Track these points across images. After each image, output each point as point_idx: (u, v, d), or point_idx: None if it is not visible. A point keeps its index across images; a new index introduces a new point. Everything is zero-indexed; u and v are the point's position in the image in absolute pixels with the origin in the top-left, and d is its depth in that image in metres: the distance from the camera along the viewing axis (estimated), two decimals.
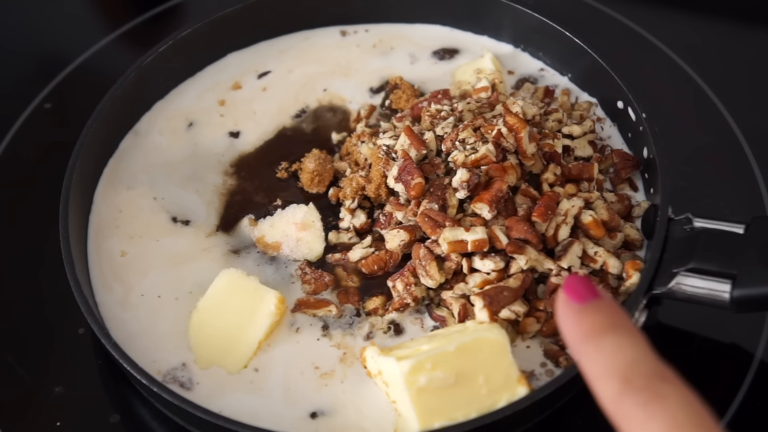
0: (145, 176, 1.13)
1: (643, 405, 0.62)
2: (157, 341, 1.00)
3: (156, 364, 0.98)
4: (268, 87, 1.22)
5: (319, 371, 0.97)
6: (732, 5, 1.38)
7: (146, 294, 1.03)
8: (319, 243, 1.07)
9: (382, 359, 0.92)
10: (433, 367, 0.89)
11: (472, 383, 0.90)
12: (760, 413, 1.00)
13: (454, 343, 0.90)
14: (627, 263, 0.98)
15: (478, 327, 0.93)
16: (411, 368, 0.88)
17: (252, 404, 0.95)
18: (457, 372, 0.89)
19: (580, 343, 0.67)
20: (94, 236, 1.08)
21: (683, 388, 0.63)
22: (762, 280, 0.90)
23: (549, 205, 0.99)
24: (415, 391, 0.89)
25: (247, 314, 0.98)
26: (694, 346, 1.05)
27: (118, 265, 1.06)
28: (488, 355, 0.90)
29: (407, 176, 1.01)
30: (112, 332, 0.97)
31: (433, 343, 0.91)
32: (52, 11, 1.43)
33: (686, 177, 1.15)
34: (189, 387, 0.97)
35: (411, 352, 0.91)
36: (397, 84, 1.18)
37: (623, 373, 0.64)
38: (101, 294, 1.03)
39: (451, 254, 0.98)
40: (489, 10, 1.21)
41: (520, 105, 1.05)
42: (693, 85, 1.26)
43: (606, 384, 0.64)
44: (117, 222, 1.09)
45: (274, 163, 1.14)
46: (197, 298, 1.00)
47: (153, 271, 1.05)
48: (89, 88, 1.25)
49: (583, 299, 0.68)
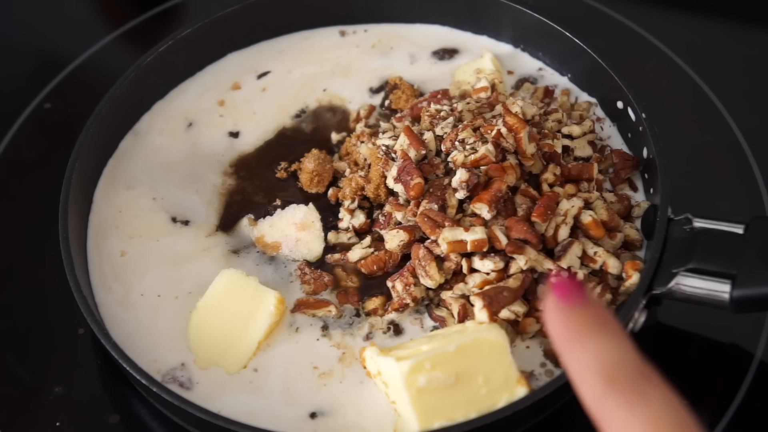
0: (144, 176, 1.13)
1: (625, 405, 0.63)
2: (157, 341, 1.00)
3: (156, 364, 0.98)
4: (268, 87, 1.22)
5: (318, 371, 0.97)
6: (732, 5, 1.38)
7: (146, 294, 1.03)
8: (319, 243, 1.07)
9: (382, 359, 0.92)
10: (433, 367, 0.89)
11: (471, 383, 0.90)
12: (760, 413, 1.00)
13: (453, 343, 0.90)
14: (627, 263, 0.98)
15: (478, 327, 0.93)
16: (410, 368, 0.88)
17: (251, 404, 0.95)
18: (457, 372, 0.89)
19: (566, 344, 0.68)
20: (93, 236, 1.08)
21: (666, 390, 0.64)
22: (762, 281, 0.90)
23: (548, 205, 0.99)
24: (415, 391, 0.89)
25: (246, 314, 0.98)
26: (694, 346, 1.04)
27: (117, 265, 1.06)
28: (488, 356, 0.90)
29: (406, 176, 1.01)
30: (111, 332, 0.97)
31: (433, 343, 0.91)
32: (53, 11, 1.43)
33: (686, 177, 1.15)
34: (189, 387, 0.97)
35: (410, 352, 0.91)
36: (397, 84, 1.18)
37: (607, 372, 0.65)
38: (101, 294, 1.03)
39: (450, 254, 0.98)
40: (489, 10, 1.20)
41: (520, 105, 1.05)
42: (693, 85, 1.26)
43: (590, 383, 0.65)
44: (117, 222, 1.09)
45: (273, 163, 1.14)
46: (197, 297, 1.00)
47: (153, 271, 1.05)
48: (89, 88, 1.25)
49: (571, 301, 0.69)
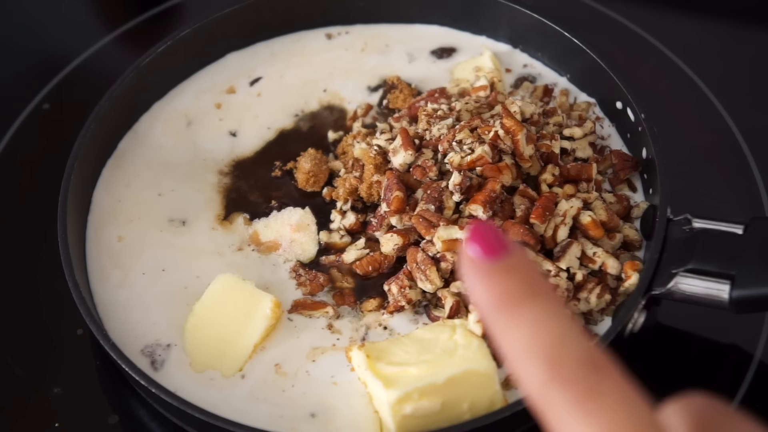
0: (143, 176, 1.13)
1: (574, 403, 0.52)
2: (151, 322, 1.00)
3: (138, 340, 0.99)
4: (267, 87, 1.21)
5: (317, 371, 0.97)
6: (731, 5, 1.38)
7: (145, 293, 1.03)
8: (313, 245, 1.07)
9: (369, 377, 0.91)
10: (420, 397, 0.88)
11: (456, 409, 0.89)
12: (760, 414, 0.98)
13: (443, 374, 0.88)
14: (626, 264, 0.98)
15: (468, 357, 0.90)
16: (398, 399, 0.88)
17: (250, 405, 0.95)
18: (444, 401, 0.89)
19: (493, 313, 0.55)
20: (92, 236, 1.08)
21: (621, 380, 0.53)
22: (761, 281, 0.90)
23: (547, 206, 0.99)
24: (400, 417, 0.89)
25: (242, 318, 0.98)
26: (693, 347, 1.04)
27: (115, 252, 1.06)
28: (476, 386, 0.90)
29: (388, 193, 1.01)
30: (110, 332, 0.97)
31: (422, 367, 0.89)
32: (52, 11, 1.43)
33: (685, 177, 1.15)
34: (157, 368, 0.97)
35: (398, 373, 0.90)
36: (395, 83, 1.18)
37: (548, 355, 0.53)
38: (98, 288, 1.03)
39: (446, 254, 0.98)
40: (487, 10, 1.20)
41: (519, 105, 1.05)
42: (692, 85, 1.26)
43: (528, 368, 0.53)
44: (116, 222, 1.09)
45: (270, 161, 1.14)
46: (194, 295, 1.00)
47: (151, 269, 1.05)
48: (88, 89, 1.25)
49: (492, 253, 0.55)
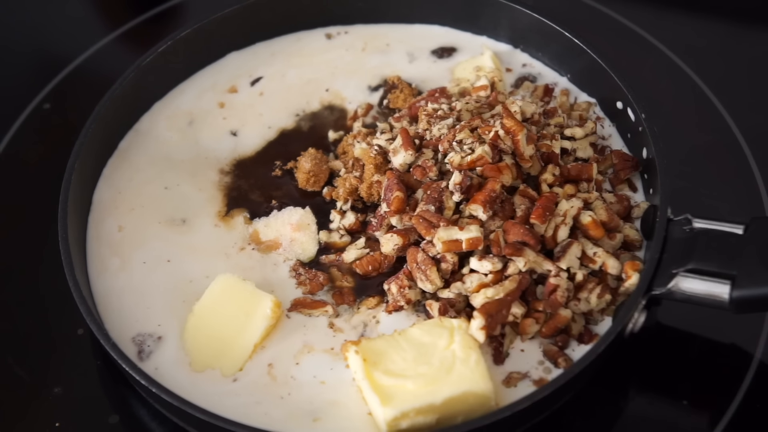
0: (144, 175, 1.13)
1: None
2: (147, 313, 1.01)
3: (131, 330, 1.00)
4: (268, 87, 1.21)
5: (316, 371, 0.97)
6: (732, 5, 1.38)
7: (145, 293, 1.03)
8: (313, 245, 1.07)
9: (366, 386, 0.91)
10: (417, 415, 0.89)
11: (450, 422, 0.91)
12: (760, 414, 1.00)
13: (440, 395, 0.89)
14: (626, 264, 0.98)
15: (466, 375, 0.90)
16: (394, 417, 0.88)
17: (250, 405, 0.95)
18: (439, 417, 0.90)
19: None
20: (93, 233, 1.08)
21: None
22: (761, 281, 0.90)
23: (547, 206, 0.99)
24: (395, 431, 0.89)
25: (243, 318, 0.98)
26: (693, 347, 1.04)
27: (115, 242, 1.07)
28: (472, 405, 0.91)
29: (388, 193, 1.01)
30: (104, 318, 0.98)
31: (419, 383, 0.90)
32: (53, 11, 1.43)
33: (685, 177, 1.15)
34: (143, 358, 0.98)
35: (395, 388, 0.90)
36: (395, 83, 1.18)
37: None
38: (99, 284, 1.04)
39: (446, 255, 0.98)
40: (488, 9, 1.20)
41: (519, 105, 1.05)
42: (692, 85, 1.26)
43: None
44: (116, 212, 1.09)
45: (270, 161, 1.15)
46: (194, 293, 1.01)
47: (151, 269, 1.05)
48: (89, 88, 1.25)
49: None
